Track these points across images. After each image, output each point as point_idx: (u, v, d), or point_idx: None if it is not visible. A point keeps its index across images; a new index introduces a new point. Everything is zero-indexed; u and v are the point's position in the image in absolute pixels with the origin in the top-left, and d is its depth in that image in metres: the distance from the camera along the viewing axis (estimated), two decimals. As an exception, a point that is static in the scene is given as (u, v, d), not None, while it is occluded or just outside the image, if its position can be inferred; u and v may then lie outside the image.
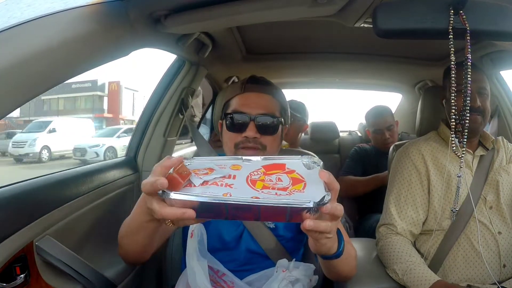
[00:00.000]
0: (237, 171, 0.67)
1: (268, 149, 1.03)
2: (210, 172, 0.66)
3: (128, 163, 1.41)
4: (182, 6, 0.88)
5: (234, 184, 0.63)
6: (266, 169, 0.66)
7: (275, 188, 0.61)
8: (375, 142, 2.31)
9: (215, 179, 0.64)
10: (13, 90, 0.59)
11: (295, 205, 0.57)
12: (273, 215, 0.60)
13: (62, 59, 0.65)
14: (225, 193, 0.60)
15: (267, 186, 0.62)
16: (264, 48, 1.77)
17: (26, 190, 0.86)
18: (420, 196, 1.20)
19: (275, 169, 0.66)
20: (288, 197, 0.59)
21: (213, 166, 0.68)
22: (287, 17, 1.06)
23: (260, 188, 0.61)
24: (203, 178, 0.64)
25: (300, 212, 0.58)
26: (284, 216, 0.59)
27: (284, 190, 0.61)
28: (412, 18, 0.82)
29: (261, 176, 0.65)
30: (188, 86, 1.50)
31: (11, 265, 0.78)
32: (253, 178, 0.64)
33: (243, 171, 0.66)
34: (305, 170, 0.67)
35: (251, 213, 0.59)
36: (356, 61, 1.94)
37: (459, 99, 1.02)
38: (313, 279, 0.96)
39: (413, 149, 1.25)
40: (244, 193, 0.60)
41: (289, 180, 0.64)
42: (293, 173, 0.65)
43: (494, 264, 1.11)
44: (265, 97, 1.06)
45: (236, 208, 0.58)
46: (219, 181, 0.63)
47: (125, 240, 0.85)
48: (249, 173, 0.65)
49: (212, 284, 0.85)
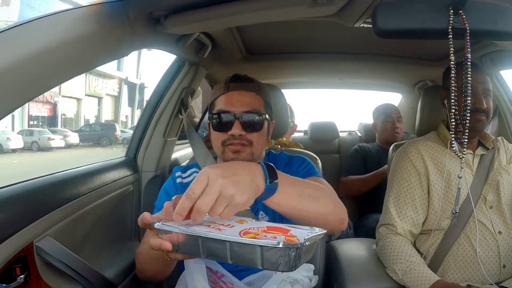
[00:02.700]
0: (240, 224, 0.65)
1: (255, 144, 1.05)
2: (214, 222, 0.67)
3: (128, 163, 1.41)
4: (181, 6, 0.88)
5: (225, 230, 0.62)
6: (268, 228, 0.63)
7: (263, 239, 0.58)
8: (384, 132, 2.32)
9: (211, 222, 0.65)
10: (13, 91, 0.59)
11: (266, 245, 0.56)
12: (243, 254, 0.58)
13: (61, 60, 0.65)
14: (209, 231, 0.61)
15: (258, 238, 0.59)
16: (263, 48, 1.77)
17: (26, 191, 0.86)
18: (419, 196, 1.20)
19: (277, 231, 0.62)
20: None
21: (219, 219, 0.67)
22: (287, 17, 1.06)
23: (248, 237, 0.59)
24: (202, 221, 0.65)
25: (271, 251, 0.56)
26: (256, 259, 0.57)
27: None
28: (412, 18, 0.82)
29: (258, 231, 0.61)
30: (188, 86, 1.50)
31: (11, 266, 0.78)
32: (249, 231, 0.61)
33: (245, 225, 0.65)
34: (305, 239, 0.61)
35: (225, 249, 0.58)
36: (356, 61, 1.94)
37: (460, 99, 1.02)
38: (313, 279, 0.96)
39: (412, 149, 1.25)
40: (227, 235, 0.59)
41: (284, 239, 0.58)
42: (293, 238, 0.59)
43: (494, 264, 1.11)
44: (249, 94, 1.07)
45: (209, 241, 0.59)
46: (212, 225, 0.64)
47: (140, 267, 0.99)
48: (249, 227, 0.63)
49: (211, 284, 0.85)
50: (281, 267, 0.56)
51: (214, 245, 0.60)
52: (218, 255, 0.61)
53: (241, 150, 1.04)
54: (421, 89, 2.36)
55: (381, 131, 2.35)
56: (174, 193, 1.10)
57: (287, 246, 0.55)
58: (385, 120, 2.31)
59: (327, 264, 1.29)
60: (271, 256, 0.56)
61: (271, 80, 2.34)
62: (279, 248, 0.55)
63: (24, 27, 0.61)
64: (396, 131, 2.26)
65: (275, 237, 0.58)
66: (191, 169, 1.17)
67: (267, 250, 0.56)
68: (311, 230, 0.63)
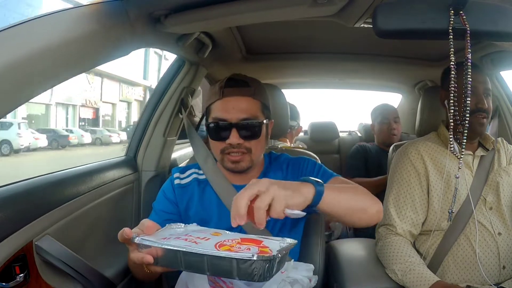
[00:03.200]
0: (216, 236, 0.70)
1: (253, 151, 1.03)
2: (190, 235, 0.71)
3: (127, 162, 1.41)
4: (182, 5, 0.88)
5: (201, 243, 0.66)
6: (241, 240, 0.68)
7: (238, 252, 0.63)
8: (381, 133, 2.31)
9: (188, 236, 0.69)
10: (13, 90, 0.59)
11: (240, 257, 0.60)
12: (220, 267, 0.63)
13: (62, 59, 0.65)
14: (187, 245, 0.65)
15: (232, 250, 0.64)
16: (264, 48, 1.77)
17: (25, 190, 0.86)
18: (419, 197, 1.20)
19: (250, 242, 0.67)
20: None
21: (195, 232, 0.73)
22: (287, 17, 1.06)
23: (224, 250, 0.63)
24: (179, 235, 0.70)
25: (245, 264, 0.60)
26: (232, 270, 0.61)
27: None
28: (412, 18, 0.82)
29: (233, 243, 0.66)
30: (188, 86, 1.50)
31: (10, 265, 0.78)
32: (224, 244, 0.66)
33: (220, 237, 0.69)
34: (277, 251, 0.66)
35: (202, 263, 0.63)
36: (356, 62, 1.94)
37: (460, 100, 1.02)
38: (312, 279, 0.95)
39: (412, 150, 1.25)
40: (204, 248, 0.64)
41: (257, 251, 0.64)
42: (266, 249, 0.65)
43: (494, 265, 1.11)
44: (245, 100, 1.03)
45: (187, 254, 0.63)
46: (189, 238, 0.68)
47: (132, 270, 1.00)
48: (224, 239, 0.68)
49: (210, 284, 0.85)
50: (256, 277, 0.61)
51: (192, 259, 0.64)
52: (196, 268, 0.66)
53: (241, 159, 1.02)
54: (421, 90, 2.36)
55: (378, 132, 2.34)
56: (172, 195, 1.09)
57: (260, 259, 0.60)
58: (381, 122, 2.30)
59: (327, 264, 1.28)
60: (247, 268, 0.60)
61: (271, 80, 2.34)
62: (253, 261, 0.60)
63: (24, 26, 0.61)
64: (393, 132, 2.25)
65: (249, 249, 0.63)
66: (189, 169, 1.15)
67: (242, 263, 0.60)
68: (282, 241, 0.69)
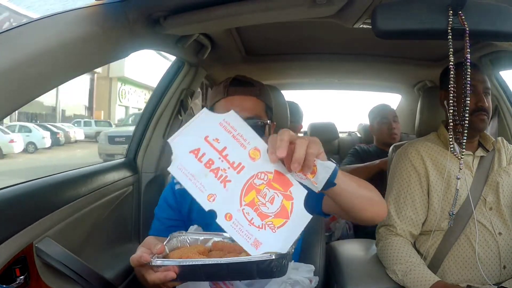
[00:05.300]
0: (252, 161, 0.67)
1: None
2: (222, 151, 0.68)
3: (127, 164, 1.41)
4: (181, 7, 0.88)
5: (232, 180, 0.66)
6: (274, 177, 0.67)
7: (257, 211, 0.65)
8: (380, 133, 2.27)
9: (218, 167, 0.67)
10: (13, 92, 0.59)
11: (260, 259, 0.62)
12: (241, 271, 0.66)
13: (61, 61, 0.66)
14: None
15: (254, 203, 0.65)
16: (263, 49, 1.77)
17: (25, 192, 0.86)
18: (419, 197, 1.20)
19: (279, 184, 0.67)
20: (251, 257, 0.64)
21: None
22: (286, 18, 1.06)
23: (246, 203, 0.65)
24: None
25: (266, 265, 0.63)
26: (252, 272, 0.64)
27: (261, 219, 0.65)
28: (411, 18, 0.82)
29: (263, 184, 0.66)
30: (187, 88, 1.50)
31: (11, 267, 0.78)
32: (254, 183, 0.66)
33: (255, 166, 0.67)
34: (301, 205, 0.67)
35: (222, 271, 0.66)
36: (355, 62, 1.94)
37: (459, 100, 1.02)
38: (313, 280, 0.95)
39: (412, 150, 1.25)
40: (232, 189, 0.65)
41: (279, 207, 0.65)
42: (289, 201, 0.66)
43: (494, 265, 1.11)
44: (250, 99, 1.02)
45: (207, 266, 0.66)
46: (218, 172, 0.67)
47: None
48: (258, 172, 0.67)
49: (211, 285, 0.85)
50: (276, 274, 0.64)
51: (212, 270, 0.66)
52: (218, 276, 0.71)
53: None
54: (421, 90, 2.36)
55: (378, 133, 2.32)
56: (173, 201, 1.07)
57: (278, 257, 0.62)
58: (381, 122, 2.28)
59: (327, 265, 1.28)
60: (265, 267, 0.63)
61: (270, 81, 2.34)
62: (272, 260, 0.62)
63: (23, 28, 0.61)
64: (393, 131, 2.21)
65: (264, 224, 0.65)
66: None
67: (261, 264, 0.63)
68: None
